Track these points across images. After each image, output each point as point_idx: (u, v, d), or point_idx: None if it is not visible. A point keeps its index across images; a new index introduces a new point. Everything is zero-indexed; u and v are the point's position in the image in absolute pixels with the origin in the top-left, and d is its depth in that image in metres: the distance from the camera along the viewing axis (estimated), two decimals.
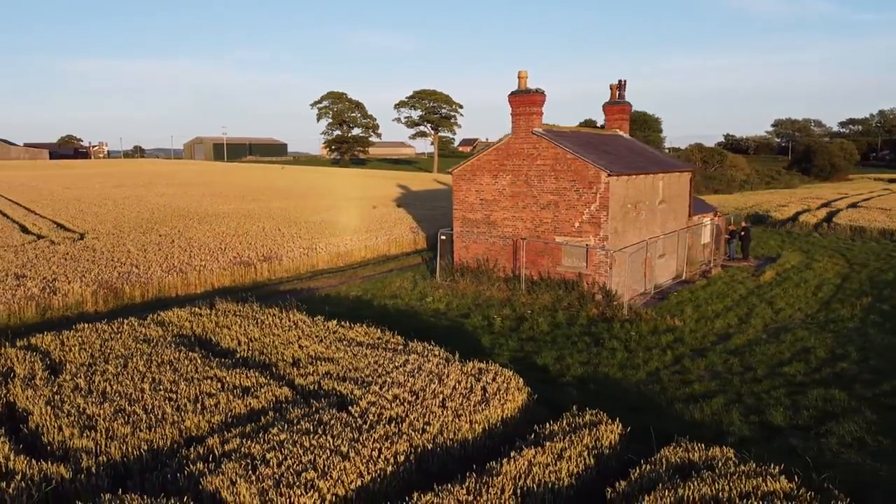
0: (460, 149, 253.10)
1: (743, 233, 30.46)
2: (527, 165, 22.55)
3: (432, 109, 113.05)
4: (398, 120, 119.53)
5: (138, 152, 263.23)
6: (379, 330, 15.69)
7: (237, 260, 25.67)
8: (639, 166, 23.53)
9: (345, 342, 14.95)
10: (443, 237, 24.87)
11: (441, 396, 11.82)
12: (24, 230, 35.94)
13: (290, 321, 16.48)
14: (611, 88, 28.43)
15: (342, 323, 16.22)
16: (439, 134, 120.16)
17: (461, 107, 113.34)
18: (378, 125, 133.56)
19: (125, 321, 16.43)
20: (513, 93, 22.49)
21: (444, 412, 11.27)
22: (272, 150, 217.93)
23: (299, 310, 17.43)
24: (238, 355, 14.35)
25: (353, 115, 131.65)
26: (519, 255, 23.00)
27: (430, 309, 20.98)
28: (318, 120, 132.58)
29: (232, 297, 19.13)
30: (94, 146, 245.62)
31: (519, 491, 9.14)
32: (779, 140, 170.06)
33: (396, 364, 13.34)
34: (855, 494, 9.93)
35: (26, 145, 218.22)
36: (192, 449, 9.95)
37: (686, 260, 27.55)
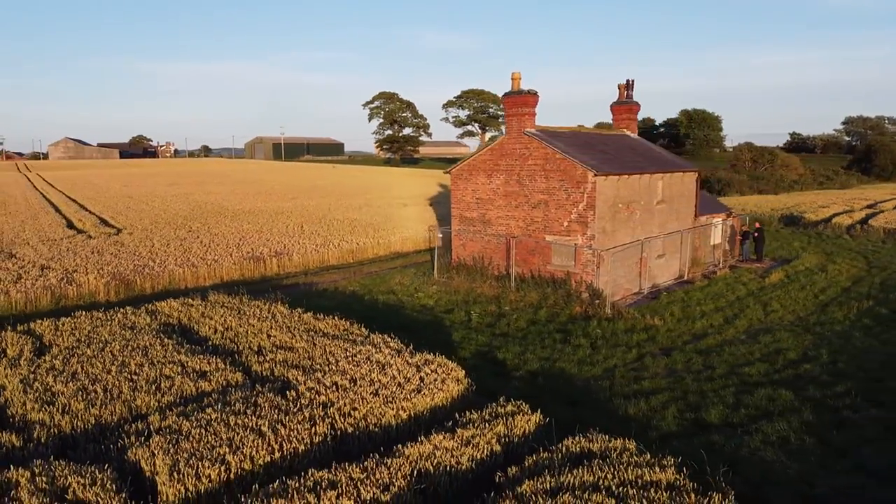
0: None
1: (756, 234, 29.96)
2: (519, 165, 22.96)
3: (480, 109, 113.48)
4: (446, 119, 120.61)
5: (204, 152, 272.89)
6: (347, 322, 16.47)
7: (249, 255, 26.95)
8: (635, 166, 23.61)
9: (311, 332, 15.78)
10: (440, 235, 25.50)
11: (377, 385, 12.48)
12: (70, 225, 38.35)
13: (268, 312, 17.44)
14: (619, 88, 28.47)
15: (317, 315, 17.03)
16: (486, 133, 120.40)
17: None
18: (429, 125, 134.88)
19: (120, 310, 17.71)
20: (506, 94, 22.93)
21: (375, 399, 11.92)
22: (329, 150, 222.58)
23: (283, 303, 18.37)
24: (210, 343, 15.37)
25: (404, 114, 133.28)
26: (511, 253, 23.43)
27: (418, 304, 21.65)
28: (370, 120, 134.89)
29: (233, 290, 20.22)
30: (161, 146, 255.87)
31: (416, 472, 9.74)
32: (849, 139, 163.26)
33: (348, 353, 14.08)
34: (756, 490, 10.20)
35: (99, 145, 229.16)
36: (133, 425, 10.92)
37: (692, 260, 27.38)
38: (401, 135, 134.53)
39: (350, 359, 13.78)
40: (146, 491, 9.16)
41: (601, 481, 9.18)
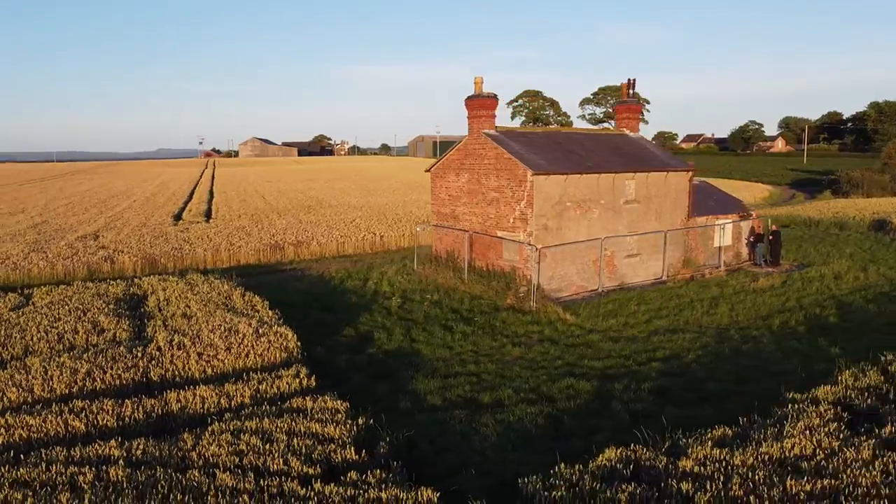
0: (682, 145, 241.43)
1: (771, 237, 28.47)
2: (478, 165, 24.38)
3: None
4: (583, 117, 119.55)
5: (384, 150, 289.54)
6: (258, 299, 19.23)
7: (270, 242, 30.72)
8: (597, 166, 24.01)
9: (219, 305, 18.77)
10: (418, 230, 27.48)
11: (207, 345, 15.11)
12: (177, 216, 44.91)
13: (210, 288, 20.71)
14: (622, 87, 28.58)
15: (246, 295, 19.97)
16: None
17: (648, 102, 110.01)
18: (572, 122, 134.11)
19: (111, 283, 21.92)
20: (469, 97, 24.40)
21: (196, 356, 14.62)
22: None
23: (230, 282, 21.53)
24: (142, 310, 18.93)
25: (546, 112, 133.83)
26: (471, 247, 24.90)
27: (371, 290, 23.90)
28: (513, 118, 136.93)
29: (244, 273, 23.84)
30: (336, 144, 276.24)
31: (168, 407, 12.34)
32: None
33: (219, 322, 16.82)
34: (438, 453, 11.53)
35: (283, 144, 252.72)
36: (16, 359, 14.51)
37: (685, 261, 26.94)
38: None
39: (214, 327, 16.52)
40: None
41: (275, 430, 11.17)
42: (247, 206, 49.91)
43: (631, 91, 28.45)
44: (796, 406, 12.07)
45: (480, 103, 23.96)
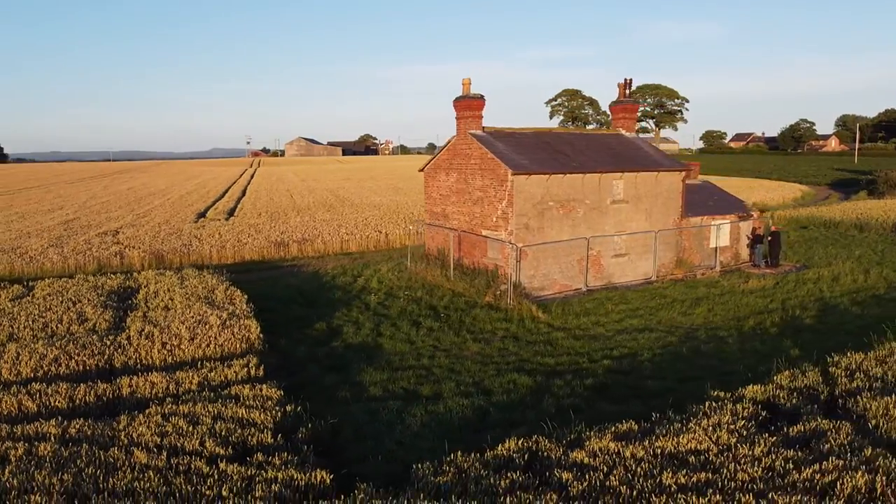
0: (731, 144, 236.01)
1: (770, 238, 28.05)
2: (465, 164, 24.81)
3: (656, 104, 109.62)
4: None
5: (430, 149, 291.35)
6: (238, 292, 20.10)
7: (275, 240, 31.75)
8: (582, 166, 24.17)
9: (200, 300, 19.69)
10: (411, 228, 28.03)
11: (174, 335, 16.01)
12: (201, 214, 46.53)
13: (198, 282, 21.70)
14: (618, 87, 28.59)
15: (229, 289, 20.87)
16: (661, 130, 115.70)
17: (687, 101, 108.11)
18: (611, 122, 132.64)
19: (110, 276, 23.17)
20: (457, 98, 24.83)
21: (160, 345, 15.53)
22: None
23: (219, 276, 22.49)
24: (130, 302, 20.03)
25: (585, 112, 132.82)
26: (459, 245, 25.35)
27: (359, 287, 24.58)
28: (551, 117, 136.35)
29: (245, 269, 24.94)
30: (381, 144, 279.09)
31: (121, 391, 13.23)
32: None
33: (191, 314, 17.71)
34: (360, 440, 12.10)
35: (329, 144, 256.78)
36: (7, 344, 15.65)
37: (677, 261, 26.84)
38: None
39: (186, 318, 17.41)
40: None
41: (203, 413, 11.92)
42: (272, 205, 51.34)
43: (627, 91, 28.44)
44: (713, 404, 12.23)
45: (467, 104, 24.37)
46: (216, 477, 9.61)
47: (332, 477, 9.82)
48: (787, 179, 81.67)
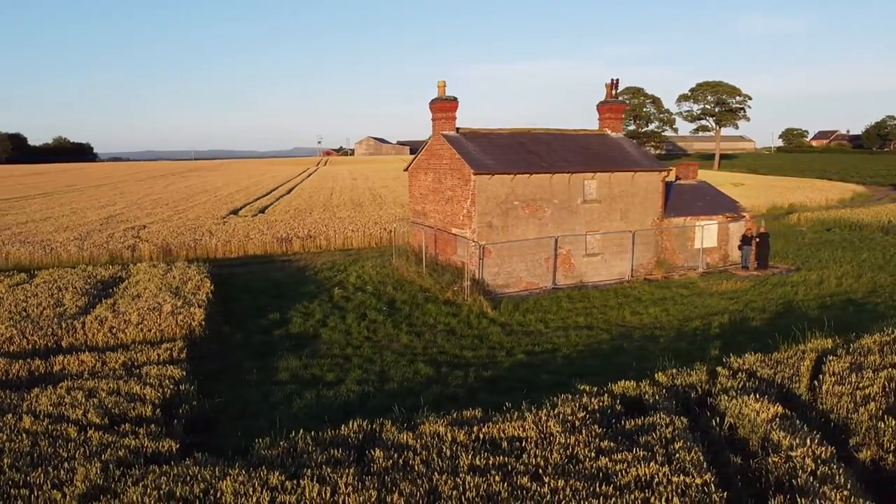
0: (812, 142, 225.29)
1: (758, 239, 27.47)
2: (439, 164, 25.60)
3: (717, 102, 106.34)
4: (679, 114, 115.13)
5: None
6: (208, 283, 21.60)
7: (282, 236, 33.39)
8: (553, 166, 24.51)
9: (168, 289, 21.31)
10: (394, 226, 28.97)
11: (122, 321, 17.57)
12: (234, 211, 48.98)
13: (180, 274, 23.37)
14: (605, 87, 28.67)
15: (202, 281, 22.42)
16: (721, 129, 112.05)
17: (749, 98, 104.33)
18: (674, 119, 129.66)
19: (108, 267, 25.24)
20: (433, 100, 25.62)
21: (107, 329, 17.13)
22: None
23: (202, 268, 24.13)
24: (111, 290, 21.87)
25: (647, 110, 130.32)
26: (435, 242, 26.14)
27: (337, 280, 25.77)
28: None
29: (246, 263, 26.66)
30: None
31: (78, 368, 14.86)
32: None
33: (155, 301, 19.29)
34: (240, 419, 13.22)
35: (398, 143, 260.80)
36: None
37: (658, 262, 26.75)
38: (642, 130, 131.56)
39: (142, 305, 19.00)
40: None
41: (103, 388, 13.31)
42: (305, 202, 53.42)
43: (614, 91, 28.48)
44: (569, 396, 12.70)
45: (441, 106, 25.14)
46: (78, 442, 10.88)
47: (178, 446, 10.93)
48: (849, 179, 77.93)
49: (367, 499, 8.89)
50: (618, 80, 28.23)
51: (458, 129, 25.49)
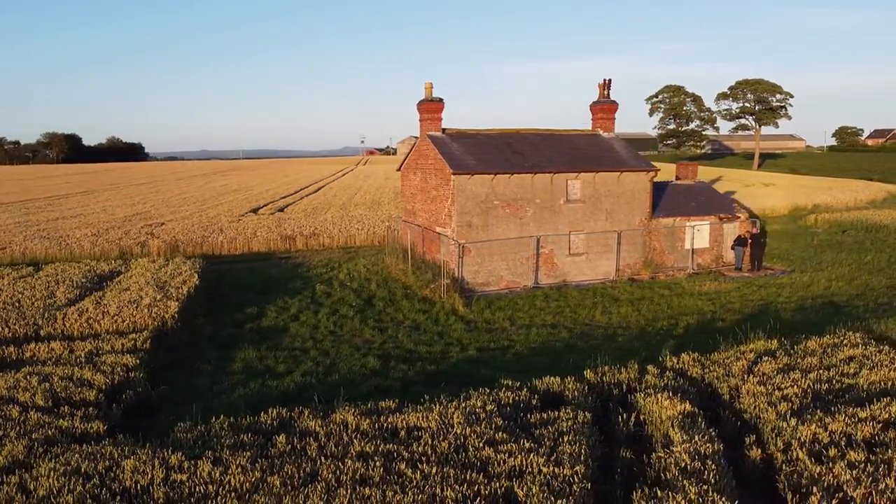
0: (868, 142, 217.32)
1: (751, 240, 27.13)
2: (425, 164, 26.09)
3: (758, 100, 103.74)
4: (718, 113, 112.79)
5: None
6: (195, 279, 22.59)
7: (285, 234, 34.38)
8: (535, 165, 24.75)
9: (155, 283, 22.33)
10: (386, 225, 29.55)
11: (104, 312, 18.62)
12: (254, 210, 50.37)
13: (173, 269, 24.43)
14: (598, 87, 28.70)
15: (191, 276, 23.44)
16: (762, 127, 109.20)
17: (791, 96, 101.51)
18: (715, 118, 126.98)
19: (110, 262, 26.55)
20: (420, 101, 26.13)
21: (86, 318, 18.19)
22: (639, 145, 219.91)
23: (196, 263, 25.17)
24: (105, 284, 23.05)
25: (687, 108, 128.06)
26: (423, 241, 26.64)
27: (325, 276, 26.50)
28: (651, 115, 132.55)
29: (250, 259, 27.87)
30: None
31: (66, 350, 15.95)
32: None
33: (137, 294, 20.33)
34: (180, 404, 13.97)
35: None
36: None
37: (645, 262, 26.71)
38: (682, 129, 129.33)
39: (126, 298, 20.05)
40: None
41: (56, 373, 14.26)
42: (326, 201, 54.57)
43: (606, 92, 28.48)
44: (485, 389, 13.09)
45: (427, 107, 25.63)
46: (17, 421, 11.78)
47: (105, 428, 11.74)
48: (892, 180, 75.27)
49: (251, 479, 9.48)
50: (610, 80, 28.23)
51: (444, 129, 25.93)
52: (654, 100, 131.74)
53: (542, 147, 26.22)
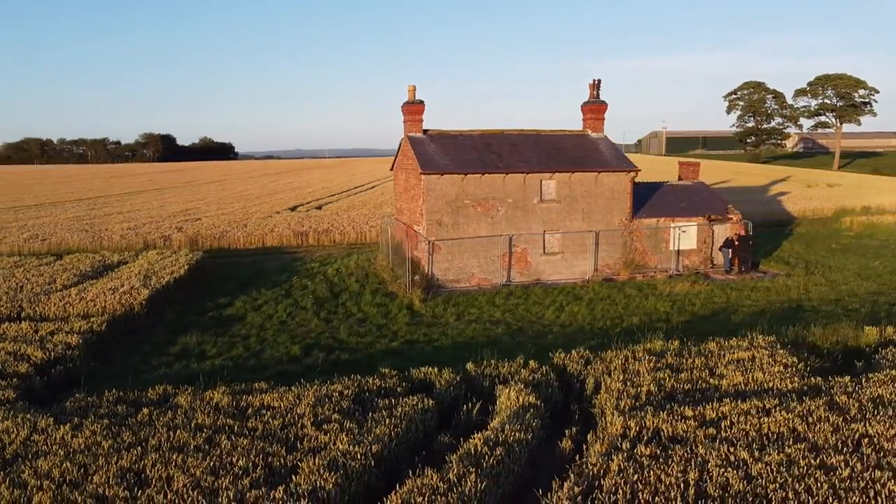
0: None
1: (737, 242, 26.47)
2: (407, 164, 27.00)
3: (839, 95, 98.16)
4: (796, 110, 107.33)
5: (637, 146, 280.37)
6: (185, 271, 24.46)
7: (299, 230, 36.12)
8: (507, 167, 25.20)
9: (142, 273, 24.29)
10: (380, 222, 30.60)
11: (82, 298, 20.64)
12: (293, 208, 52.62)
13: (172, 262, 26.44)
14: (588, 88, 28.74)
15: (180, 268, 25.38)
16: (843, 125, 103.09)
17: (876, 91, 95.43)
18: (797, 116, 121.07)
19: (123, 253, 28.99)
20: (403, 103, 27.04)
21: (62, 304, 20.25)
22: (724, 144, 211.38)
23: (198, 259, 27.12)
24: (108, 273, 25.30)
25: (767, 105, 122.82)
26: (407, 238, 27.58)
27: (317, 270, 27.88)
28: (728, 112, 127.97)
29: (263, 252, 30.08)
30: None
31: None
32: None
33: (121, 282, 22.34)
34: (109, 379, 15.55)
35: None
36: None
37: (626, 262, 26.63)
38: (762, 127, 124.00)
39: (108, 286, 22.05)
40: None
41: (10, 347, 16.17)
42: (367, 200, 56.36)
43: (596, 92, 28.47)
44: (359, 377, 13.97)
45: (408, 109, 26.54)
46: None
47: (15, 396, 13.38)
48: None
49: (90, 441, 10.79)
50: (599, 80, 28.20)
51: (425, 130, 26.75)
52: (733, 97, 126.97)
53: (522, 147, 26.60)
